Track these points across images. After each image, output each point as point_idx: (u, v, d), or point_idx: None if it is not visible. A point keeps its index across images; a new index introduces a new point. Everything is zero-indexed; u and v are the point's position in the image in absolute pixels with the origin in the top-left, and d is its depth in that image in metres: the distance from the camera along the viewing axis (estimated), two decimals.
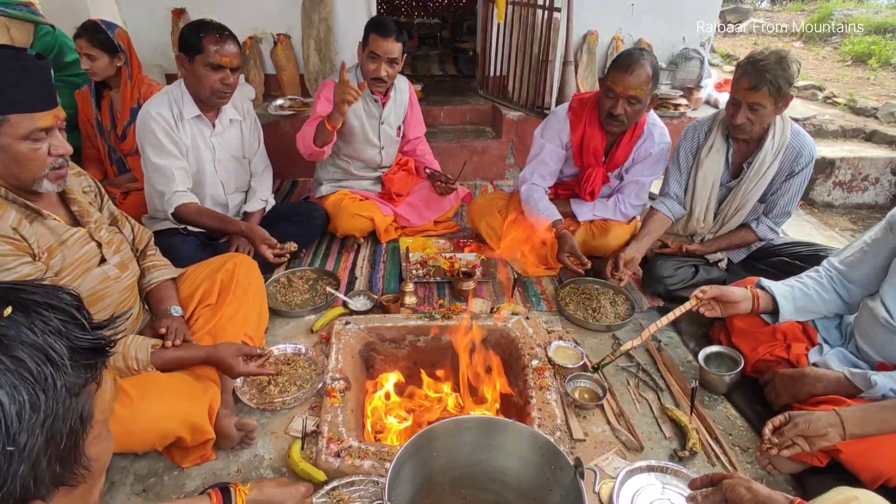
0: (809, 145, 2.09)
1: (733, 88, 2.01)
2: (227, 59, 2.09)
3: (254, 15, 3.78)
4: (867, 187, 3.73)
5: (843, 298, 1.67)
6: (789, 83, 1.91)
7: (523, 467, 1.26)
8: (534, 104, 3.76)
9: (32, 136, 1.25)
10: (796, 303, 1.69)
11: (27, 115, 1.22)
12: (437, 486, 1.29)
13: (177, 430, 1.43)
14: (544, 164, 2.47)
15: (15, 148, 1.24)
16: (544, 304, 2.35)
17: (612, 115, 2.23)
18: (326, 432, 1.57)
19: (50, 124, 1.27)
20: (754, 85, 1.91)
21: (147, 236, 1.81)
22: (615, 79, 2.17)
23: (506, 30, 3.82)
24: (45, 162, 1.29)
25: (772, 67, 1.88)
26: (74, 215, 1.49)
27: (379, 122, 2.73)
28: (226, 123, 2.33)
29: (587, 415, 1.76)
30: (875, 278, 1.60)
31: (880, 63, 5.96)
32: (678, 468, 1.52)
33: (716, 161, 2.21)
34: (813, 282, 1.70)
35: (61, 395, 0.51)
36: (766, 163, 2.10)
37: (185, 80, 2.18)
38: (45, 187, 1.33)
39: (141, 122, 2.14)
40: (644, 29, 4.12)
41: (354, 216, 2.69)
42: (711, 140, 2.20)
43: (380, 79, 2.51)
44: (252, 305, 1.87)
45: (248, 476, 1.54)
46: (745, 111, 1.98)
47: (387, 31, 2.41)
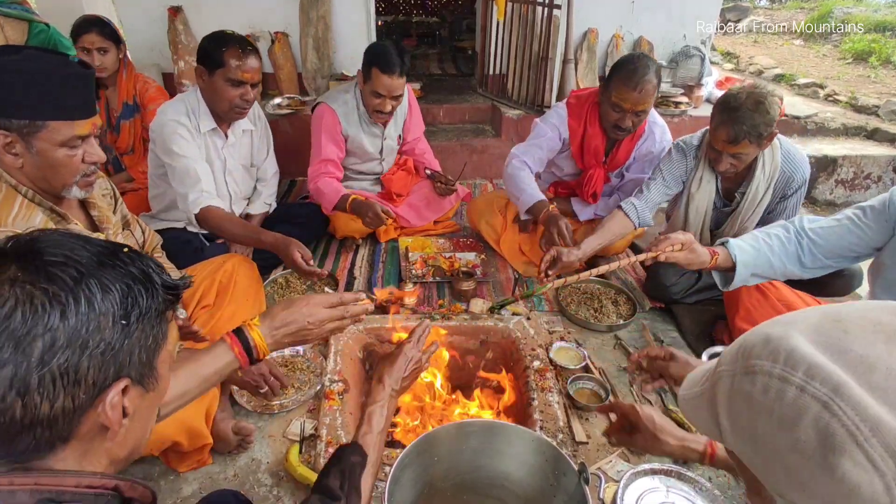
0: (802, 168, 2.02)
1: (712, 136, 1.92)
2: (249, 76, 2.03)
3: (251, 13, 3.75)
4: (869, 185, 3.71)
5: (803, 264, 1.64)
6: (770, 125, 1.82)
7: (526, 472, 1.24)
8: (533, 102, 3.73)
9: (70, 144, 1.24)
10: (756, 268, 1.65)
11: (67, 122, 1.22)
12: (439, 492, 1.26)
13: (173, 434, 1.40)
14: (539, 148, 2.38)
15: (51, 154, 1.23)
16: (545, 305, 2.33)
17: (618, 128, 2.19)
18: (325, 435, 1.55)
19: (88, 132, 1.27)
20: (733, 139, 1.83)
21: (156, 240, 1.78)
22: (622, 95, 2.09)
23: (505, 28, 3.79)
24: (78, 169, 1.28)
25: (748, 117, 1.78)
26: (94, 220, 1.47)
27: (382, 139, 2.71)
28: (238, 135, 2.29)
29: (590, 417, 1.74)
30: (850, 255, 1.61)
31: (880, 61, 5.95)
32: (682, 471, 1.49)
33: (706, 192, 2.14)
34: (779, 243, 1.65)
35: (154, 303, 0.64)
36: (760, 192, 2.05)
37: (203, 91, 2.11)
38: (73, 193, 1.32)
39: (161, 127, 2.06)
40: (644, 26, 4.10)
41: (354, 218, 2.66)
42: (700, 172, 2.12)
43: (384, 114, 2.47)
44: (250, 306, 1.85)
45: (245, 480, 1.51)
46: (728, 159, 1.91)
47: (391, 69, 2.32)
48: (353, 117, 2.56)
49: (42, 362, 0.55)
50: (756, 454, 0.53)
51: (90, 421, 0.60)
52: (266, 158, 2.50)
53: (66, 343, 0.56)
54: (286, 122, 3.55)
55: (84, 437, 0.61)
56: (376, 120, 2.56)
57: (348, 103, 2.54)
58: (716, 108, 1.90)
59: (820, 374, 0.47)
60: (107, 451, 0.65)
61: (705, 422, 0.60)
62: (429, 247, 2.72)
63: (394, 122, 2.71)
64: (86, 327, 0.57)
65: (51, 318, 0.55)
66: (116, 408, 0.61)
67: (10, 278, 0.56)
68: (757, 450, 0.53)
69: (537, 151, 2.38)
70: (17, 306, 0.55)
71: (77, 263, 0.59)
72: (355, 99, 2.54)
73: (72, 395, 0.57)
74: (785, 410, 0.48)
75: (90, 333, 0.57)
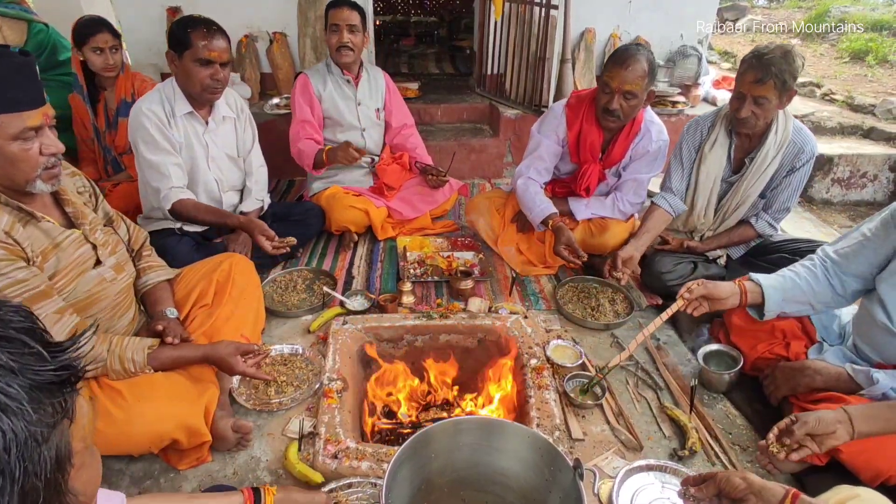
0: (811, 142, 2.09)
1: (738, 82, 2.01)
2: (216, 54, 2.07)
3: (249, 13, 3.76)
4: (865, 184, 3.72)
5: (835, 290, 1.64)
6: (794, 77, 1.92)
7: (523, 469, 1.25)
8: (531, 102, 3.74)
9: (22, 136, 1.22)
10: (785, 293, 1.66)
11: (15, 114, 1.20)
12: (436, 488, 1.27)
13: (172, 432, 1.41)
14: (541, 159, 2.45)
15: (5, 149, 1.22)
16: (542, 303, 2.34)
17: (607, 111, 2.21)
18: (324, 433, 1.56)
19: (39, 123, 1.25)
20: (760, 78, 1.91)
21: (143, 237, 1.79)
22: (611, 74, 2.16)
23: (503, 27, 3.80)
24: (37, 162, 1.27)
25: (777, 61, 1.88)
26: (69, 217, 1.47)
27: (355, 102, 2.81)
28: (219, 120, 2.31)
29: (586, 414, 1.75)
30: (870, 272, 1.58)
31: (877, 60, 5.96)
32: (677, 467, 1.51)
33: (718, 156, 2.20)
34: (805, 271, 1.67)
35: (29, 447, 0.43)
36: (769, 158, 2.10)
37: (176, 76, 2.16)
38: (38, 188, 1.31)
39: (133, 119, 2.12)
40: (642, 26, 4.11)
41: (348, 208, 2.70)
42: (714, 135, 2.20)
43: (345, 45, 2.62)
44: (248, 306, 1.86)
45: (244, 478, 1.52)
46: (750, 104, 1.98)
47: (339, 2, 2.59)
48: (325, 79, 2.77)
49: None
50: None
51: None
52: (251, 150, 2.52)
53: None
54: (284, 121, 3.55)
55: None
56: (342, 60, 2.70)
57: (320, 70, 2.80)
58: (744, 57, 2.00)
59: None
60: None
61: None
62: (427, 246, 2.73)
63: (368, 89, 2.86)
64: None
65: None
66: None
67: None
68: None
69: (539, 163, 2.46)
70: None
71: None
72: (326, 66, 2.79)
73: None
74: None
75: None
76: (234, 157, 2.43)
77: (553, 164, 2.50)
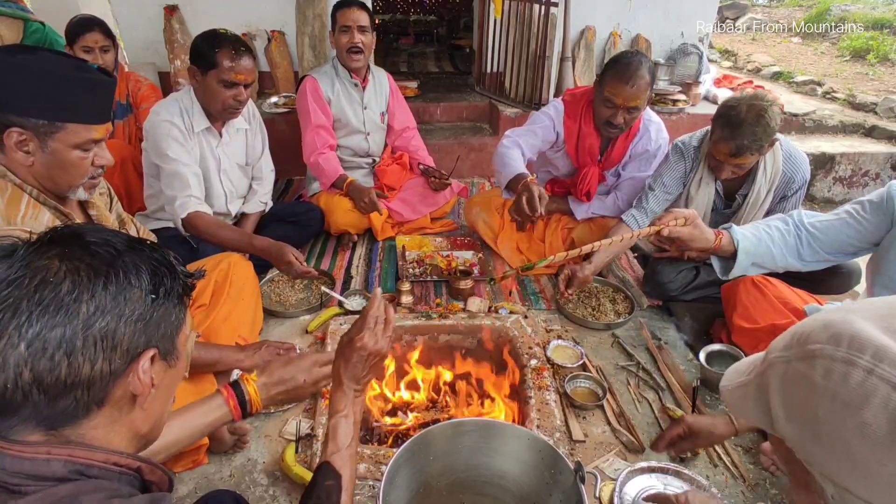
0: (803, 169, 2.02)
1: (714, 148, 1.92)
2: (243, 77, 2.02)
3: (247, 11, 3.74)
4: (867, 183, 3.71)
5: (801, 256, 1.65)
6: (772, 135, 1.83)
7: (522, 471, 1.23)
8: (531, 100, 3.72)
9: (84, 146, 1.26)
10: (756, 258, 1.66)
11: (85, 125, 1.23)
12: (435, 491, 1.26)
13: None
14: (534, 134, 2.37)
15: (64, 155, 1.24)
16: (543, 303, 2.32)
17: (611, 125, 2.19)
18: (321, 435, 1.54)
19: (102, 136, 1.29)
20: (735, 152, 1.84)
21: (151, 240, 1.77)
22: (614, 90, 2.09)
23: (502, 26, 3.78)
24: (87, 171, 1.30)
25: (749, 132, 1.79)
26: (92, 220, 1.47)
27: (362, 106, 2.77)
28: (233, 133, 2.28)
29: (587, 415, 1.73)
30: (846, 248, 1.61)
31: (878, 58, 5.94)
32: (679, 468, 1.49)
33: (706, 193, 2.13)
34: (779, 236, 1.65)
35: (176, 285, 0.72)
36: (762, 195, 2.05)
37: (196, 91, 2.10)
38: (78, 195, 1.33)
39: (154, 128, 2.06)
40: (642, 24, 4.09)
41: (349, 211, 2.67)
42: (699, 174, 2.12)
43: (355, 47, 2.55)
44: (246, 306, 1.85)
45: (240, 480, 1.51)
46: (730, 167, 1.92)
47: (349, 2, 2.51)
48: (330, 79, 2.70)
49: (86, 325, 0.62)
50: (814, 441, 0.52)
51: (122, 388, 0.66)
52: (261, 156, 2.49)
53: (106, 309, 0.63)
54: (282, 120, 3.54)
55: (115, 404, 0.67)
56: (352, 64, 2.62)
57: (328, 72, 2.71)
58: (716, 122, 1.90)
59: (889, 357, 0.46)
60: (131, 425, 0.70)
61: (753, 410, 0.60)
62: (426, 245, 2.72)
63: (374, 93, 2.80)
64: (123, 296, 0.65)
65: (94, 287, 0.63)
66: (146, 373, 0.67)
67: (59, 255, 0.64)
68: (815, 436, 0.52)
69: (531, 138, 2.37)
70: (66, 276, 0.62)
71: (113, 245, 0.67)
72: (333, 67, 2.69)
73: (109, 359, 0.64)
74: (850, 393, 0.47)
75: (126, 303, 0.65)
76: (243, 165, 2.41)
77: (540, 147, 2.41)
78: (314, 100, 2.64)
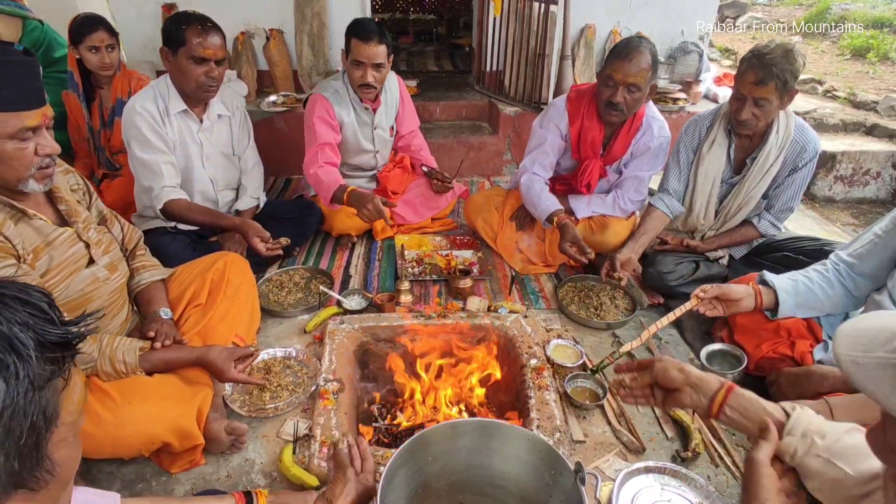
0: (814, 140, 2.06)
1: (738, 83, 1.96)
2: (211, 52, 2.03)
3: (246, 10, 3.73)
4: (868, 181, 3.69)
5: (850, 292, 1.63)
6: (795, 77, 1.87)
7: (522, 472, 1.22)
8: (531, 99, 3.71)
9: (19, 136, 1.20)
10: (798, 298, 1.65)
11: (14, 113, 1.18)
12: (434, 492, 1.24)
13: (163, 435, 1.38)
14: (545, 154, 2.40)
15: (0, 147, 1.19)
16: (543, 302, 2.31)
17: (611, 104, 2.18)
18: (319, 435, 1.53)
19: (38, 123, 1.23)
20: (760, 79, 1.87)
21: (137, 236, 1.76)
22: (614, 66, 2.11)
23: (502, 24, 3.77)
24: (31, 162, 1.25)
25: (778, 61, 1.84)
26: (62, 215, 1.44)
27: (372, 128, 2.68)
28: (214, 119, 2.28)
29: (587, 415, 1.72)
30: (884, 271, 1.56)
31: (879, 57, 5.93)
32: (676, 468, 1.48)
33: (717, 156, 2.16)
34: (818, 276, 1.66)
35: (23, 385, 0.50)
36: (771, 158, 2.06)
37: (170, 73, 2.12)
38: (30, 187, 1.29)
39: (126, 116, 2.09)
40: (642, 22, 4.07)
41: (351, 216, 2.63)
42: (713, 135, 2.16)
43: (367, 85, 2.45)
44: (243, 305, 1.83)
45: (238, 481, 1.49)
46: (751, 106, 1.93)
47: (368, 36, 2.32)
48: (344, 102, 2.56)
49: None
50: None
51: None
52: (247, 148, 2.47)
53: None
54: (281, 119, 3.53)
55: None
56: (363, 97, 2.54)
57: (339, 91, 2.56)
58: (744, 57, 1.95)
59: None
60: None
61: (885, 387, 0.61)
62: (425, 244, 2.70)
63: (384, 112, 2.70)
64: None
65: None
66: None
67: None
68: None
69: (544, 157, 2.41)
70: None
71: None
72: (345, 86, 2.55)
73: None
74: None
75: None
76: (229, 154, 2.39)
77: (556, 158, 2.45)
78: (322, 120, 2.51)
